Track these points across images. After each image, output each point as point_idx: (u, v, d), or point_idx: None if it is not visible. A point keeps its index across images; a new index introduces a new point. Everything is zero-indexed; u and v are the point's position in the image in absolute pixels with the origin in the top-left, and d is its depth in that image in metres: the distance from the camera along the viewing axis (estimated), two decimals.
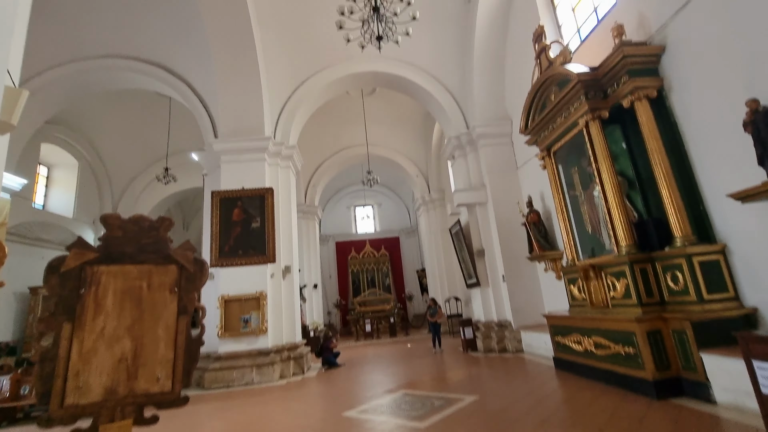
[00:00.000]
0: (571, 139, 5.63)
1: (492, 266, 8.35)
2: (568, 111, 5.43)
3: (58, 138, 11.99)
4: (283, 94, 9.28)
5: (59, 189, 12.66)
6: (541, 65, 6.02)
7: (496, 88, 8.97)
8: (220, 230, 7.94)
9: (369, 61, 9.61)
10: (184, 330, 2.20)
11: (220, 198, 8.11)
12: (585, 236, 5.73)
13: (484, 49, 8.74)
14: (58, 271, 1.97)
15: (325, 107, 13.21)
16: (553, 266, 7.14)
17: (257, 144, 8.41)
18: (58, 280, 1.96)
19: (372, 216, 21.41)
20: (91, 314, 1.98)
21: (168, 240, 2.32)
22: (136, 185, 14.28)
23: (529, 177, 8.16)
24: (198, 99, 8.99)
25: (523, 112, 6.42)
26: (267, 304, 7.61)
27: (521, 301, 7.85)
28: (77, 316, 1.94)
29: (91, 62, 9.02)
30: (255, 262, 7.83)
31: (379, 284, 18.58)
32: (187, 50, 8.82)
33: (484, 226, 8.57)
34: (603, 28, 5.78)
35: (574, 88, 5.10)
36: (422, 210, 14.88)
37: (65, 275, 1.97)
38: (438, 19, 8.97)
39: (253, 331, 7.44)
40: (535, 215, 7.31)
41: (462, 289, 12.63)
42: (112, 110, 12.31)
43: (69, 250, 2.07)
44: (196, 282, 2.32)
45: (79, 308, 1.97)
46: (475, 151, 9.03)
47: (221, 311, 7.48)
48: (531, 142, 6.68)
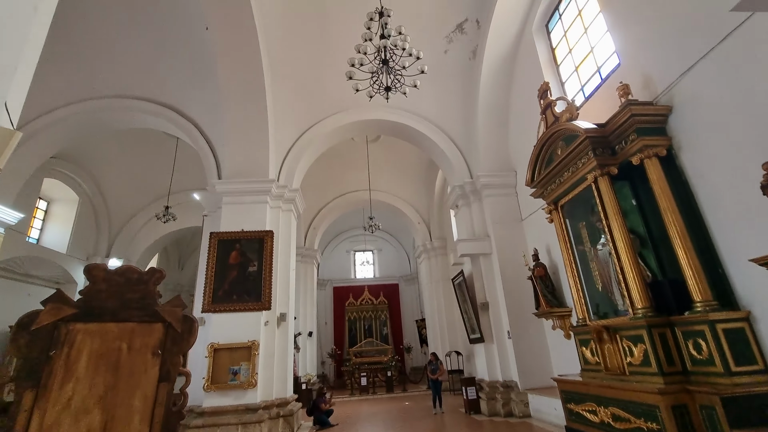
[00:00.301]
0: (578, 193, 5.55)
1: (497, 321, 7.99)
2: (576, 166, 5.39)
3: (62, 173, 12.02)
4: (289, 138, 9.39)
5: (56, 224, 12.50)
6: (546, 120, 6.09)
7: (500, 139, 9.09)
8: (215, 273, 7.67)
9: (375, 110, 9.83)
10: (164, 401, 1.93)
11: (219, 239, 7.92)
12: (595, 294, 5.49)
13: (488, 102, 8.96)
14: (28, 329, 1.75)
15: (329, 152, 13.35)
16: (561, 324, 6.81)
17: (260, 186, 8.36)
18: (27, 340, 1.74)
19: (372, 262, 21.09)
20: (59, 381, 1.73)
21: (156, 295, 2.11)
22: (135, 223, 14.14)
23: (534, 229, 8.04)
24: (205, 140, 9.08)
25: (529, 165, 6.41)
26: (259, 354, 7.18)
27: (528, 361, 7.42)
28: (42, 383, 1.70)
29: (103, 101, 9.21)
30: (249, 309, 7.48)
31: (376, 333, 17.89)
32: (198, 93, 9.05)
33: (488, 278, 8.32)
34: (607, 87, 5.90)
35: (581, 144, 5.09)
36: (423, 257, 14.63)
37: (36, 334, 1.75)
38: (443, 71, 9.27)
39: (241, 384, 6.94)
40: (542, 269, 7.09)
41: (464, 343, 12.08)
42: (119, 147, 12.45)
43: (45, 304, 1.86)
44: (182, 344, 2.08)
45: (46, 373, 1.73)
46: (479, 200, 8.98)
47: (209, 361, 7.03)
48: (537, 195, 6.61)
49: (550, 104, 5.99)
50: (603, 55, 6.22)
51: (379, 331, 18.12)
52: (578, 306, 5.60)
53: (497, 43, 8.55)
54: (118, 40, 8.49)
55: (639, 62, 5.28)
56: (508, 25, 8.35)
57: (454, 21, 8.82)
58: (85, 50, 8.61)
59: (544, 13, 7.78)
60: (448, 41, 9.04)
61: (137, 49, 8.68)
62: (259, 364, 7.18)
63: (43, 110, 9.06)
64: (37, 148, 9.32)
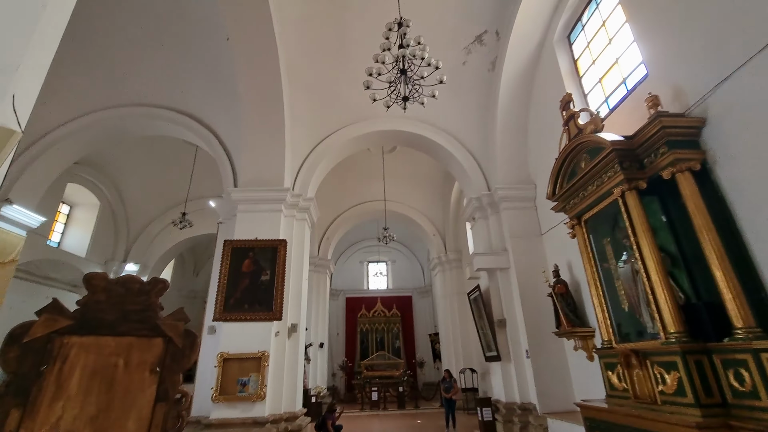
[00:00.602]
0: (603, 208, 5.30)
1: (514, 339, 7.68)
2: (601, 180, 5.15)
3: (85, 179, 12.29)
4: (305, 147, 9.38)
5: (77, 228, 12.75)
6: (569, 132, 5.88)
7: (519, 151, 8.88)
8: (228, 281, 7.62)
9: (392, 120, 9.76)
10: (160, 423, 1.79)
11: (232, 247, 7.88)
12: (621, 314, 5.18)
13: (507, 113, 8.79)
14: (20, 342, 1.65)
15: (345, 162, 13.33)
16: (583, 345, 6.47)
17: (275, 195, 8.33)
18: (17, 353, 1.63)
19: (385, 273, 20.87)
20: (48, 398, 1.61)
21: (158, 307, 1.99)
22: (152, 228, 14.33)
23: (554, 244, 7.75)
24: (223, 149, 9.15)
25: (551, 178, 6.18)
26: (268, 366, 7.04)
27: (548, 382, 7.07)
28: (31, 401, 1.58)
29: (125, 109, 9.41)
30: (260, 319, 7.38)
31: (388, 346, 17.59)
32: (217, 102, 9.15)
33: (505, 294, 8.04)
34: (633, 99, 5.67)
35: (607, 157, 4.86)
36: (438, 270, 14.36)
37: (28, 347, 1.64)
38: (461, 83, 9.16)
39: (249, 396, 6.80)
40: (563, 286, 6.79)
41: (479, 360, 11.70)
42: (139, 154, 12.69)
43: (39, 314, 1.75)
44: (183, 361, 1.95)
45: (35, 390, 1.61)
46: (496, 213, 8.75)
47: (219, 371, 6.92)
48: (558, 209, 6.36)
49: (573, 116, 5.79)
50: (629, 66, 6.01)
51: (391, 344, 17.81)
52: (603, 327, 5.30)
53: (517, 55, 8.40)
54: (141, 50, 8.67)
55: (668, 73, 5.05)
56: (528, 36, 8.21)
57: (473, 32, 8.72)
58: (109, 59, 8.81)
59: (566, 24, 7.61)
60: (466, 52, 8.94)
61: (159, 59, 8.84)
62: (269, 375, 7.04)
63: (68, 117, 9.29)
64: (61, 155, 9.53)
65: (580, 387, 6.88)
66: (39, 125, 9.09)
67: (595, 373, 6.22)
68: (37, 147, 9.10)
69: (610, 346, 5.08)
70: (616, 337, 5.09)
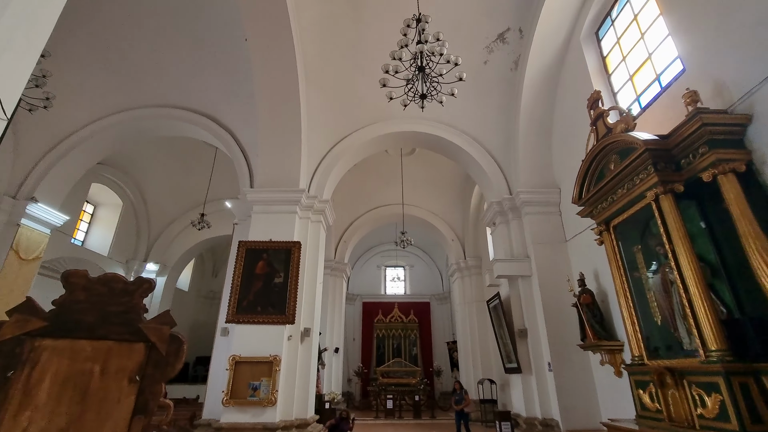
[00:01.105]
0: (634, 213, 4.93)
1: (536, 350, 7.29)
2: (632, 182, 4.79)
3: (109, 179, 12.57)
4: (321, 148, 9.28)
5: (100, 227, 13.05)
6: (597, 132, 5.54)
7: (543, 154, 8.52)
8: (241, 282, 7.55)
9: (410, 122, 9.57)
10: None
11: (247, 248, 7.82)
12: (653, 328, 4.79)
13: (530, 114, 8.45)
14: None
15: (363, 164, 13.20)
16: (611, 359, 6.06)
17: (290, 196, 8.24)
18: None
19: (402, 278, 20.59)
20: (14, 408, 1.46)
21: (142, 309, 1.83)
22: (173, 229, 14.55)
23: (580, 251, 7.35)
24: (240, 149, 9.15)
25: (577, 180, 5.83)
26: (280, 370, 6.90)
27: (571, 398, 6.66)
28: None
29: (146, 110, 9.56)
30: (273, 322, 7.26)
31: (405, 353, 17.27)
32: (235, 103, 9.18)
33: (527, 303, 7.66)
34: (668, 96, 5.29)
35: (640, 158, 4.51)
36: (456, 276, 14.00)
37: None
38: (482, 83, 8.88)
39: (260, 401, 6.66)
40: (589, 296, 6.39)
41: (498, 371, 11.27)
42: (161, 156, 12.91)
43: (11, 314, 1.61)
44: (166, 369, 1.78)
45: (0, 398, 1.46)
46: (518, 218, 8.40)
47: (230, 374, 6.82)
48: (585, 214, 5.99)
49: (601, 114, 5.45)
50: (663, 61, 5.62)
51: (408, 350, 17.48)
52: (633, 341, 4.91)
53: (541, 53, 8.07)
54: (162, 52, 8.78)
55: (708, 67, 4.67)
56: (553, 33, 7.87)
57: (495, 31, 8.44)
58: (131, 61, 8.95)
59: (594, 20, 7.25)
60: (488, 51, 8.66)
61: (179, 60, 8.92)
62: (280, 380, 6.89)
63: (92, 118, 9.49)
64: (85, 155, 9.75)
65: (607, 404, 6.44)
66: (64, 126, 9.33)
67: (624, 389, 5.81)
68: (62, 147, 9.33)
69: (642, 362, 4.69)
70: (647, 353, 4.69)
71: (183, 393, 12.16)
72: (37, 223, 9.17)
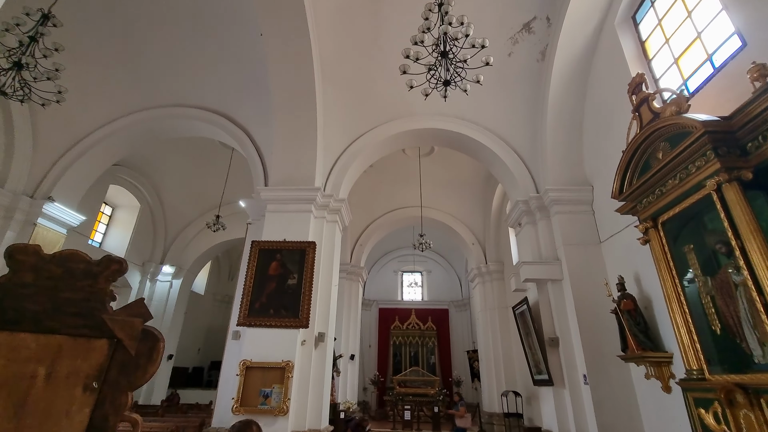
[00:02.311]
0: (688, 206, 4.37)
1: (569, 361, 6.69)
2: (687, 171, 4.24)
3: (126, 180, 12.57)
4: (338, 146, 8.95)
5: (118, 229, 13.05)
6: (641, 119, 5.00)
7: (573, 149, 7.96)
8: (254, 284, 7.21)
9: (430, 119, 9.18)
10: None
11: (260, 249, 7.49)
12: (712, 339, 4.19)
13: (559, 107, 7.92)
14: None
15: (380, 166, 12.86)
16: (657, 373, 5.43)
17: (305, 194, 7.91)
18: None
19: (420, 283, 20.04)
20: None
21: (108, 296, 1.44)
22: (189, 231, 14.47)
23: (617, 253, 6.74)
24: (254, 148, 8.91)
25: (617, 173, 5.29)
26: (292, 377, 6.49)
27: (611, 415, 6.02)
28: None
29: (162, 110, 9.46)
30: (286, 325, 6.88)
31: (423, 362, 16.68)
32: (250, 101, 8.97)
33: (558, 309, 7.07)
34: (724, 77, 4.74)
35: (697, 142, 3.97)
36: (477, 282, 13.39)
37: None
38: (506, 76, 8.41)
39: (271, 410, 6.26)
40: (630, 302, 5.78)
41: (523, 383, 10.60)
42: (178, 157, 12.85)
43: None
44: (136, 374, 1.38)
45: None
46: (546, 218, 7.84)
47: (240, 380, 6.46)
48: (625, 210, 5.42)
49: (646, 99, 4.91)
50: (714, 41, 5.05)
51: (425, 359, 16.88)
52: (689, 352, 4.31)
53: (571, 42, 7.55)
54: (177, 50, 8.65)
55: None
56: (584, 20, 7.35)
57: (520, 20, 7.98)
58: (147, 60, 8.86)
59: (631, 2, 6.71)
60: (512, 43, 8.20)
61: (195, 59, 8.77)
62: (293, 388, 6.49)
63: (108, 119, 9.44)
64: (102, 155, 9.69)
65: (652, 422, 5.78)
66: (81, 126, 9.29)
67: (674, 407, 5.18)
68: (79, 147, 9.29)
69: (701, 377, 4.09)
70: (708, 367, 4.09)
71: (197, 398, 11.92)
72: (54, 223, 9.11)
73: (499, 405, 10.99)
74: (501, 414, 10.75)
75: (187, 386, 14.29)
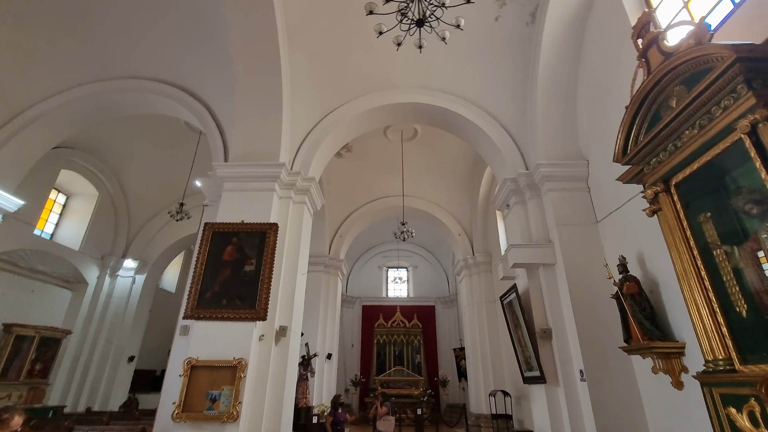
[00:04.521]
0: (709, 161, 3.59)
1: (563, 355, 5.89)
2: (709, 116, 3.46)
3: (82, 166, 11.48)
4: (308, 120, 8.08)
5: (73, 219, 11.94)
6: (649, 65, 4.22)
7: (566, 122, 7.20)
8: (205, 271, 6.28)
9: (410, 92, 8.37)
10: None
11: (213, 231, 6.57)
12: (739, 323, 3.41)
13: (551, 75, 7.15)
14: None
15: (360, 151, 12.04)
16: (666, 366, 4.65)
17: (268, 171, 7.01)
18: None
19: (405, 279, 19.19)
20: None
21: None
22: (155, 223, 13.41)
23: (616, 233, 5.98)
24: (215, 123, 8.01)
25: (621, 131, 4.50)
26: (245, 377, 5.58)
27: (612, 416, 5.23)
28: None
29: (114, 83, 8.49)
30: (240, 318, 5.97)
31: (407, 361, 15.82)
32: (212, 73, 8.03)
33: (550, 297, 6.28)
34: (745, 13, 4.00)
35: (725, 74, 3.18)
36: (464, 274, 12.60)
37: None
38: (492, 42, 7.62)
39: (219, 416, 5.34)
40: (634, 284, 5.00)
41: (513, 381, 9.82)
42: (142, 142, 11.80)
43: None
44: None
45: None
46: (537, 197, 7.06)
47: (184, 381, 5.52)
48: (629, 177, 4.63)
49: (656, 39, 4.13)
50: None
51: (410, 358, 16.03)
52: (711, 339, 3.52)
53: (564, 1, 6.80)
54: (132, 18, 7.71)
55: None
56: None
57: None
58: (99, 28, 7.90)
59: None
60: (500, 5, 7.40)
61: (150, 26, 7.82)
62: (246, 389, 5.57)
63: (53, 90, 8.43)
64: (46, 132, 8.65)
65: (659, 424, 5.01)
66: (20, 98, 8.25)
67: (686, 406, 4.42)
68: (17, 122, 8.25)
69: (730, 368, 3.30)
70: (739, 357, 3.30)
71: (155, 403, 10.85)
72: None
73: (487, 406, 10.19)
74: (489, 415, 9.94)
75: (153, 390, 13.19)
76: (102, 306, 12.11)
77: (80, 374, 11.27)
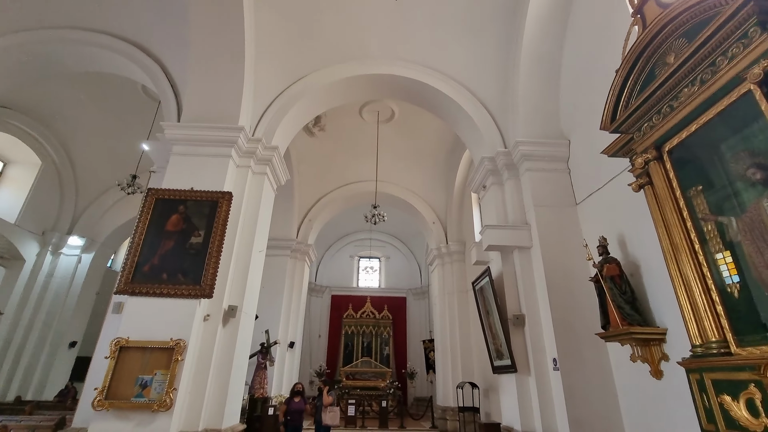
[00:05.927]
0: (711, 120, 3.21)
1: (536, 343, 5.51)
2: (713, 68, 3.07)
3: (21, 130, 10.33)
4: (275, 85, 7.40)
5: (10, 188, 10.79)
6: (644, 20, 3.82)
7: (549, 100, 6.83)
8: (144, 241, 5.54)
9: (387, 63, 7.82)
10: None
11: (157, 198, 5.82)
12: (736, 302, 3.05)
13: (535, 50, 6.75)
14: None
15: (333, 131, 11.41)
16: (646, 353, 4.32)
17: (224, 134, 6.31)
18: None
19: (377, 268, 18.70)
20: None
21: None
22: (107, 198, 12.34)
23: (595, 215, 5.63)
24: (169, 82, 7.20)
25: (611, 94, 4.09)
26: (184, 360, 4.90)
27: (585, 407, 4.88)
28: None
29: (51, 32, 7.49)
30: (182, 294, 5.27)
31: (376, 353, 15.35)
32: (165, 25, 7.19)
33: (525, 282, 5.90)
34: None
35: (736, 16, 2.78)
36: (436, 263, 12.20)
37: None
38: (475, 16, 7.17)
39: (149, 404, 4.65)
40: (615, 266, 4.65)
41: (482, 373, 9.49)
42: (94, 109, 10.74)
43: None
44: None
45: None
46: (515, 177, 6.67)
47: (110, 364, 4.80)
48: (617, 148, 4.23)
49: None
50: None
51: (379, 350, 15.57)
52: (705, 321, 3.15)
53: None
54: None
55: None
56: None
57: None
58: None
59: None
60: None
61: None
62: (184, 374, 4.90)
63: None
64: None
65: (633, 416, 4.69)
66: None
67: (666, 396, 4.09)
68: None
69: (725, 350, 2.93)
70: (735, 338, 2.93)
71: None
72: None
73: (454, 398, 9.83)
74: (455, 408, 9.58)
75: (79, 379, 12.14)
76: (41, 286, 11.00)
77: (12, 360, 10.17)
